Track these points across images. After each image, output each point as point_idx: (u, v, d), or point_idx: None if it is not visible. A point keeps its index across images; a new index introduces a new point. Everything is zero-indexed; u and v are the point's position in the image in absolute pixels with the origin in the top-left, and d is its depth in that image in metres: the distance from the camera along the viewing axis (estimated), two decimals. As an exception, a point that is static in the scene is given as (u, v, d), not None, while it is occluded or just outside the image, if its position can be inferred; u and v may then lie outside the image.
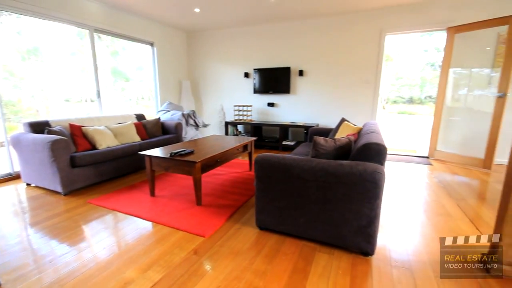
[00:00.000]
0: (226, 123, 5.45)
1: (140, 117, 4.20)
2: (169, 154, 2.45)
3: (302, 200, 1.73)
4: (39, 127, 2.91)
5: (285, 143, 4.88)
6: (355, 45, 4.43)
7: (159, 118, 4.25)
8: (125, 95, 4.86)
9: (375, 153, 1.61)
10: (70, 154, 2.72)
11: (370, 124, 2.54)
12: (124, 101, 4.85)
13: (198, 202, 2.41)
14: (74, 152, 2.88)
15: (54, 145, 2.54)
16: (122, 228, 2.06)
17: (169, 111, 4.74)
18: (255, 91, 5.35)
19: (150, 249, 1.76)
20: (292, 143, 4.85)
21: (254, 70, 5.27)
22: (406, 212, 2.34)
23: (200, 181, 2.36)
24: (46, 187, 2.83)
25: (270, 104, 5.35)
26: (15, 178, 3.24)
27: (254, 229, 2.01)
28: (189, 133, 4.60)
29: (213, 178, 3.20)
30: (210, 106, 6.09)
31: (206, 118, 6.10)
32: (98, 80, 4.05)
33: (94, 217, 2.24)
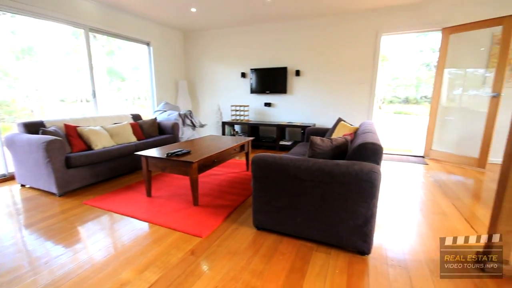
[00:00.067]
0: (223, 123, 5.44)
1: (136, 117, 4.18)
2: (165, 155, 2.44)
3: (299, 200, 1.74)
4: (34, 128, 2.88)
5: (282, 143, 4.88)
6: (351, 45, 4.46)
7: (156, 118, 4.23)
8: (121, 95, 4.83)
9: (371, 152, 1.62)
10: (65, 154, 2.69)
11: (366, 124, 2.55)
12: (120, 101, 4.82)
13: (195, 202, 2.40)
14: (69, 152, 2.85)
15: (49, 145, 2.52)
16: (118, 229, 2.05)
17: (165, 111, 4.72)
18: (252, 91, 5.35)
19: (147, 250, 1.76)
20: (289, 143, 4.86)
21: (251, 70, 5.27)
22: (402, 211, 2.36)
23: (197, 181, 2.36)
24: (41, 188, 2.80)
25: (267, 104, 5.35)
26: (10, 179, 3.21)
27: (252, 229, 2.01)
28: (185, 133, 4.58)
29: (210, 178, 3.19)
30: (207, 106, 6.07)
31: (203, 118, 6.09)
32: (93, 80, 4.02)
33: (90, 218, 2.22)
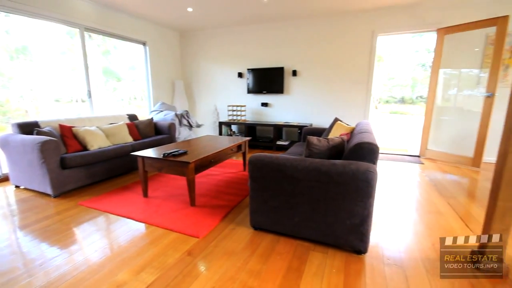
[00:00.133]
0: (220, 123, 5.43)
1: (132, 117, 4.16)
2: (162, 155, 2.43)
3: (296, 199, 1.74)
4: (28, 128, 2.85)
5: (279, 143, 4.89)
6: (348, 45, 4.48)
7: (152, 118, 4.21)
8: (117, 95, 4.80)
9: (368, 152, 1.63)
10: (60, 155, 2.67)
11: (362, 123, 2.56)
12: (116, 101, 4.78)
13: (192, 202, 2.39)
14: (65, 153, 2.83)
15: (44, 146, 2.49)
16: (115, 230, 2.03)
17: (162, 111, 4.70)
18: (249, 91, 5.35)
19: (143, 251, 1.75)
20: (286, 143, 4.87)
21: (248, 70, 5.27)
22: (398, 210, 2.37)
23: (193, 181, 2.35)
24: (35, 189, 2.77)
25: (264, 104, 5.36)
26: (4, 180, 3.17)
27: (249, 229, 2.01)
28: (182, 133, 4.57)
29: (207, 178, 3.18)
30: (203, 106, 6.06)
31: (200, 118, 6.07)
32: (89, 79, 3.99)
33: (86, 219, 2.20)
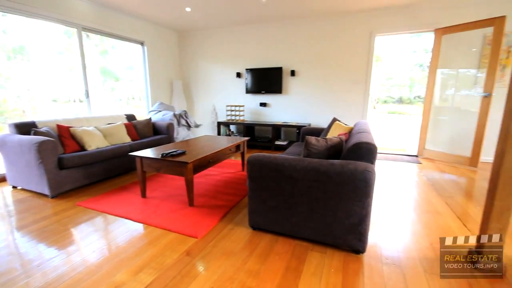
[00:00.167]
0: (219, 123, 5.43)
1: (130, 117, 4.14)
2: (160, 155, 2.42)
3: (294, 199, 1.74)
4: (26, 128, 2.83)
5: (277, 143, 4.89)
6: (346, 45, 4.49)
7: (150, 119, 4.20)
8: (115, 95, 4.78)
9: (366, 152, 1.63)
10: (57, 155, 2.65)
11: (361, 123, 2.57)
12: (114, 101, 4.76)
13: (191, 203, 2.39)
14: (62, 153, 2.81)
15: (41, 146, 2.48)
16: (113, 230, 2.02)
17: (160, 111, 4.69)
18: (247, 91, 5.35)
19: (142, 251, 1.74)
20: (284, 143, 4.87)
21: (246, 70, 5.27)
22: (396, 210, 2.38)
23: (192, 181, 2.34)
24: (33, 190, 2.75)
25: (263, 104, 5.36)
26: (1, 180, 3.14)
27: (247, 229, 2.01)
28: (180, 133, 4.56)
29: (205, 178, 3.18)
30: (202, 106, 6.05)
31: (198, 118, 6.06)
32: (86, 79, 3.97)
33: (83, 219, 2.19)
